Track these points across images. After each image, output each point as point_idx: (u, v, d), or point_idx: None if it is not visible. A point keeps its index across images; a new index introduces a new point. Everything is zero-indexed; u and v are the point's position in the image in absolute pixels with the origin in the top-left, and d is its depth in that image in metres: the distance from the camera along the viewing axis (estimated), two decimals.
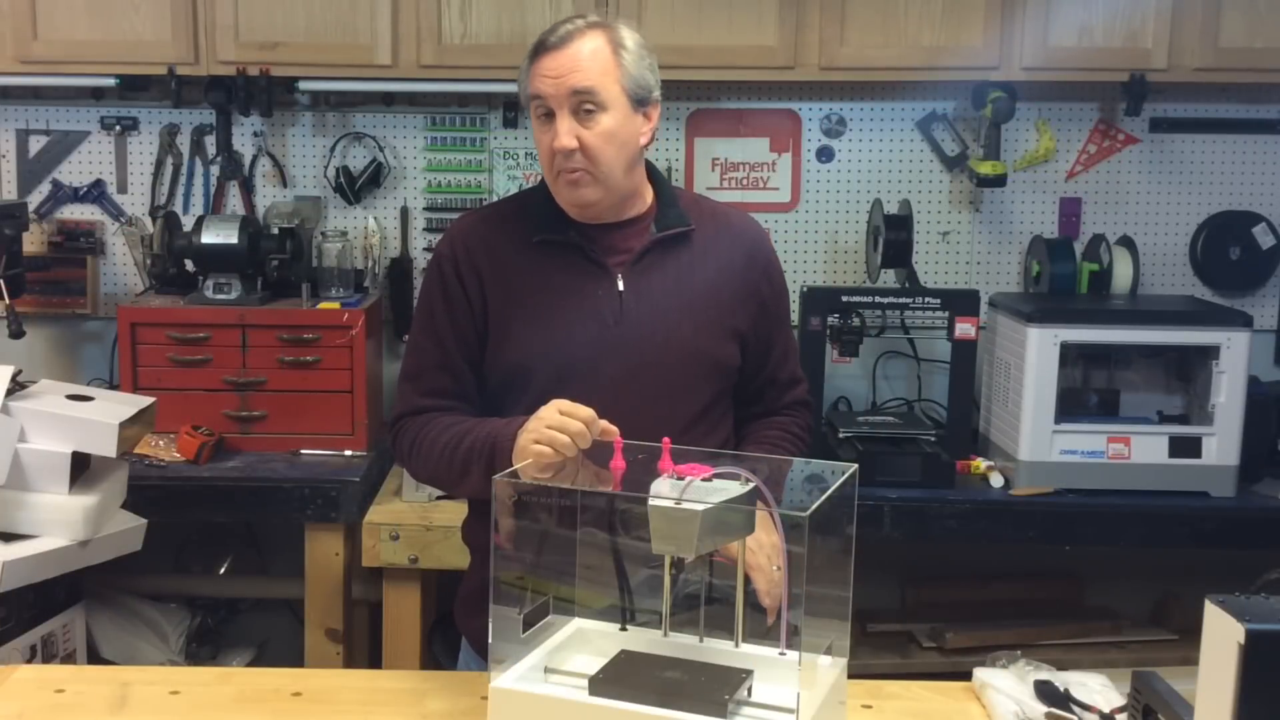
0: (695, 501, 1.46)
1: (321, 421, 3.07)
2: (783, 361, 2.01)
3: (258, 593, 3.45)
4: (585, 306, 1.87)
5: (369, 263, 3.38)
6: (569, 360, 1.85)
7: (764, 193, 3.41)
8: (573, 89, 1.78)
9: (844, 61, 3.07)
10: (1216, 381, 2.92)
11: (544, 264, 1.89)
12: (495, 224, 1.94)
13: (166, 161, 3.42)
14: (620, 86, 1.81)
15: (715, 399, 1.93)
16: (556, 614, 1.64)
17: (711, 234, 1.94)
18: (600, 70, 1.79)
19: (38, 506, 2.38)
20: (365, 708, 1.70)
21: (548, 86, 1.79)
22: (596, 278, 1.88)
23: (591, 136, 1.79)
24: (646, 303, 1.87)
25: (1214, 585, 1.30)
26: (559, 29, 1.81)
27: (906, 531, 2.90)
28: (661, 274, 1.89)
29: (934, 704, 1.74)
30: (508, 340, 1.88)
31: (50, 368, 3.39)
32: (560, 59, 1.79)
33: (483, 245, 1.91)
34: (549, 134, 1.81)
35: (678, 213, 1.93)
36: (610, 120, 1.80)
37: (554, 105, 1.79)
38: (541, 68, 1.80)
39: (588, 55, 1.79)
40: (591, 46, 1.80)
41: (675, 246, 1.91)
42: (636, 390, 1.83)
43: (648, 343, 1.86)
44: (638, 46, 1.85)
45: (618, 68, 1.81)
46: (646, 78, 1.85)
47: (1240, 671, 1.13)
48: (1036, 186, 3.42)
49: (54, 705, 1.70)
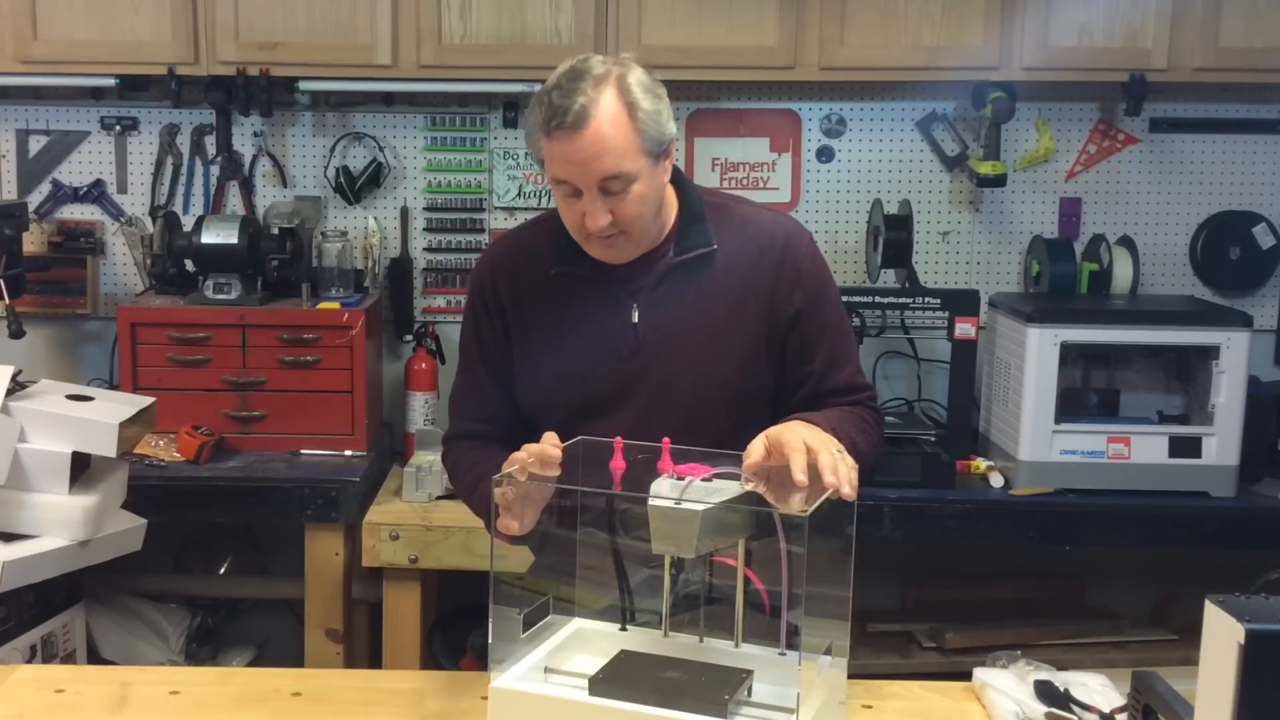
0: (695, 501, 1.46)
1: (321, 421, 3.06)
2: (831, 371, 1.88)
3: (258, 593, 3.45)
4: (600, 340, 1.84)
5: (369, 263, 3.37)
6: (586, 395, 1.84)
7: (764, 193, 3.41)
8: (601, 176, 1.69)
9: (844, 61, 3.07)
10: (1216, 381, 2.92)
11: (563, 295, 1.86)
12: (520, 252, 1.91)
13: (166, 161, 3.42)
14: (643, 152, 1.72)
15: (742, 420, 1.83)
16: (556, 614, 1.64)
17: (737, 249, 1.85)
18: (624, 146, 1.69)
19: (38, 506, 2.38)
20: (365, 708, 1.70)
21: (573, 173, 1.71)
22: (612, 309, 1.84)
23: (624, 208, 1.73)
24: (662, 334, 1.83)
25: (1214, 585, 1.30)
26: (573, 102, 1.67)
27: (906, 531, 2.90)
28: (680, 301, 1.83)
29: (934, 704, 1.74)
30: (529, 372, 1.89)
31: (50, 368, 3.39)
32: (582, 143, 1.68)
33: (508, 275, 1.89)
34: (576, 208, 1.74)
35: (700, 229, 1.84)
36: (639, 187, 1.73)
37: (582, 187, 1.72)
38: (562, 151, 1.70)
39: (609, 132, 1.68)
40: (610, 116, 1.68)
41: (696, 269, 1.84)
42: (657, 422, 1.76)
43: (664, 376, 1.82)
44: (649, 94, 1.73)
45: (638, 134, 1.70)
46: (664, 128, 1.75)
47: (1240, 671, 1.13)
48: (1036, 186, 3.42)
49: (54, 705, 1.70)
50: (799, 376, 1.87)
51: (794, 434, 1.53)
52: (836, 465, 1.49)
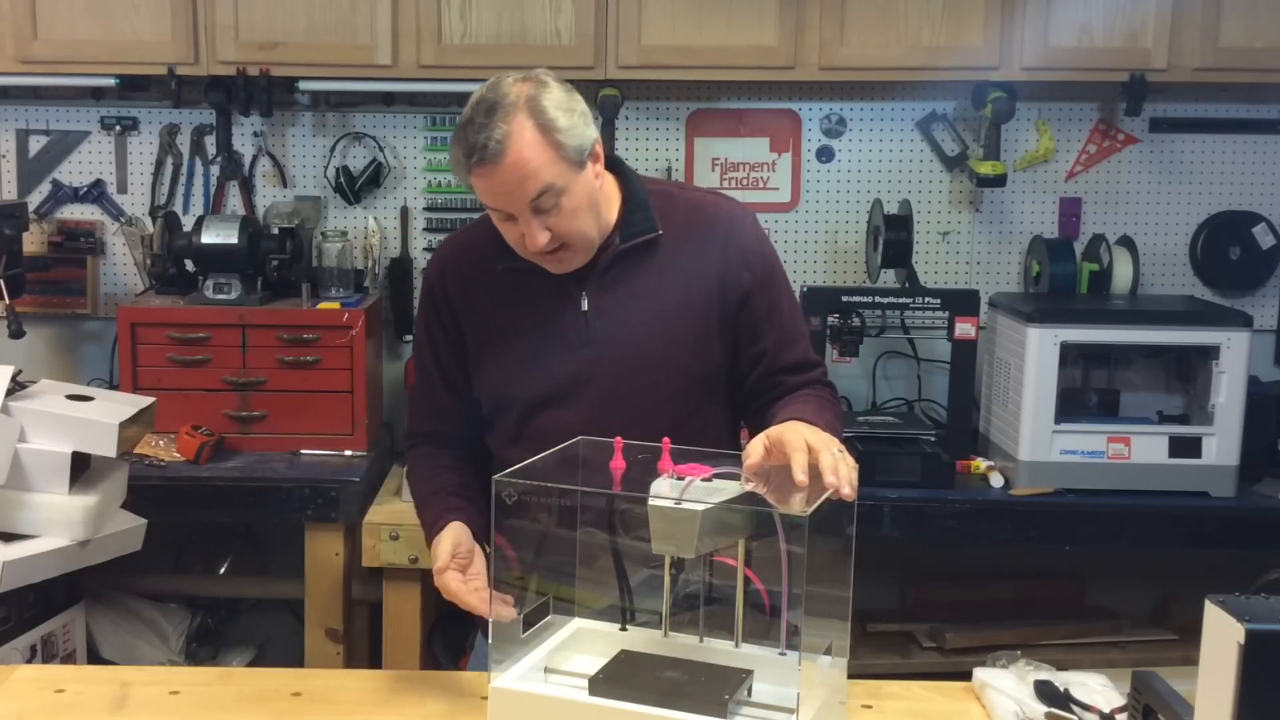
0: (695, 501, 1.46)
1: (321, 421, 3.07)
2: (784, 349, 1.89)
3: (258, 593, 3.45)
4: (551, 331, 1.85)
5: (369, 263, 3.37)
6: (541, 387, 1.85)
7: (764, 193, 3.41)
8: (529, 197, 1.70)
9: (844, 61, 3.07)
10: (1216, 381, 2.92)
11: (511, 291, 1.87)
12: (468, 250, 1.92)
13: (166, 161, 3.42)
14: (566, 164, 1.71)
15: (700, 402, 1.88)
16: (556, 614, 1.64)
17: (682, 233, 1.86)
18: (545, 165, 1.69)
19: (38, 506, 2.38)
20: (365, 708, 1.70)
21: (503, 203, 1.72)
22: (561, 300, 1.85)
23: (561, 223, 1.73)
24: (612, 320, 1.84)
25: (1214, 585, 1.30)
26: (488, 137, 1.67)
27: (906, 531, 2.90)
28: (628, 287, 1.84)
29: (934, 704, 1.74)
30: (483, 369, 1.91)
31: (50, 368, 3.39)
32: (503, 174, 1.68)
33: (458, 274, 1.91)
34: (515, 229, 1.75)
35: (644, 216, 1.85)
36: (571, 199, 1.73)
37: (514, 213, 1.73)
38: (487, 185, 1.71)
39: (529, 156, 1.68)
40: (526, 141, 1.68)
41: (643, 254, 1.85)
42: (614, 409, 1.80)
43: (617, 362, 1.83)
44: (562, 109, 1.72)
45: (557, 148, 1.70)
46: (583, 137, 1.74)
47: (1240, 671, 1.13)
48: (1036, 186, 3.42)
49: (54, 705, 1.70)
50: (752, 355, 1.88)
51: (795, 433, 1.53)
52: (837, 465, 1.49)
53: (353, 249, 3.32)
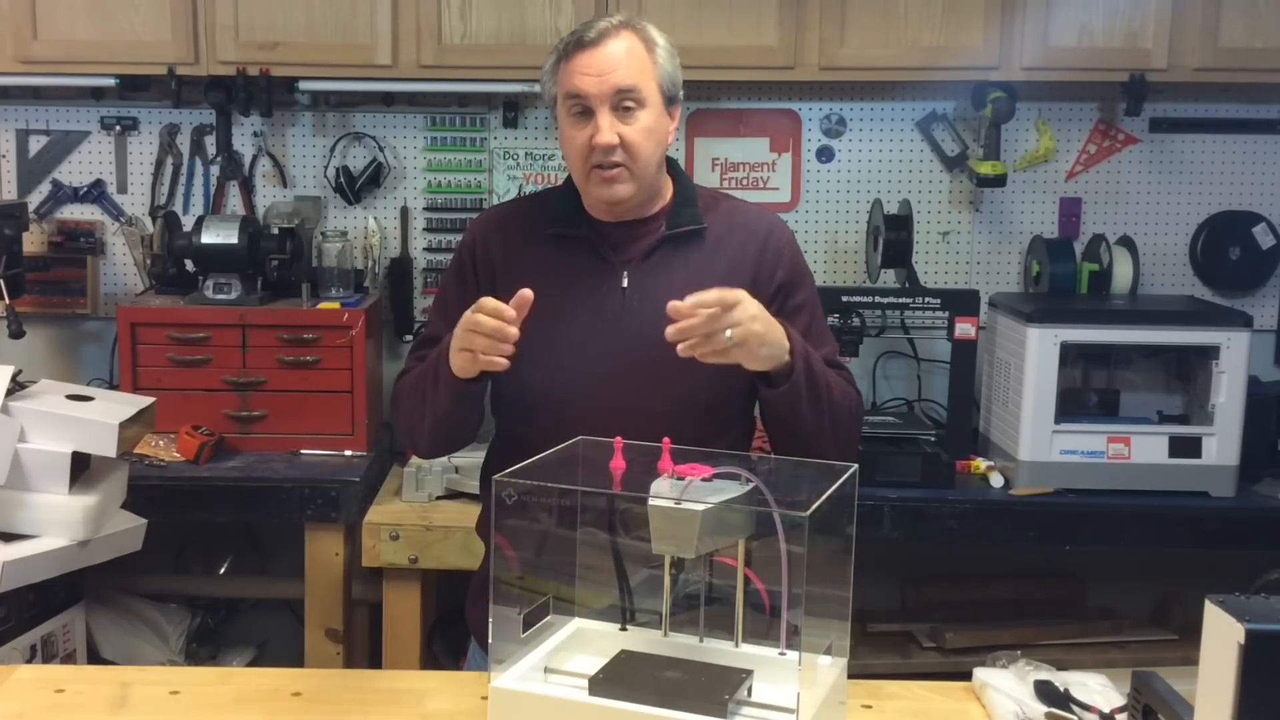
0: (695, 501, 1.46)
1: (321, 421, 3.07)
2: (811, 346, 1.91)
3: (258, 593, 3.45)
4: (588, 302, 1.89)
5: (369, 263, 3.38)
6: (568, 354, 1.87)
7: (764, 193, 3.41)
8: (616, 87, 1.81)
9: (844, 61, 3.07)
10: (1216, 381, 2.92)
11: (555, 258, 1.91)
12: (515, 217, 1.99)
13: (166, 161, 3.42)
14: (656, 84, 1.84)
15: (724, 400, 1.91)
16: (556, 614, 1.64)
17: (724, 232, 1.94)
18: (639, 68, 1.82)
19: (38, 506, 2.38)
20: (365, 708, 1.70)
21: (588, 84, 1.81)
22: (603, 274, 1.90)
23: (632, 133, 1.82)
24: (650, 301, 1.86)
25: (1214, 585, 1.30)
26: (593, 26, 1.83)
27: (906, 531, 2.90)
28: (669, 273, 1.89)
29: (934, 704, 1.74)
30: None
31: (50, 368, 3.39)
32: (599, 57, 1.81)
33: (500, 236, 1.96)
34: (585, 131, 1.83)
35: (692, 212, 1.93)
36: (648, 117, 1.83)
37: (594, 103, 1.81)
38: (579, 65, 1.82)
39: (625, 53, 1.81)
40: (627, 45, 1.82)
41: (686, 245, 1.91)
42: (635, 389, 1.84)
43: (647, 342, 1.84)
44: (667, 45, 1.88)
45: (654, 65, 1.84)
46: (677, 76, 1.89)
47: (1240, 671, 1.13)
48: (1036, 186, 3.42)
49: (54, 705, 1.70)
50: None
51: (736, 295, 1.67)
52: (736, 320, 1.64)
53: (353, 249, 3.33)
